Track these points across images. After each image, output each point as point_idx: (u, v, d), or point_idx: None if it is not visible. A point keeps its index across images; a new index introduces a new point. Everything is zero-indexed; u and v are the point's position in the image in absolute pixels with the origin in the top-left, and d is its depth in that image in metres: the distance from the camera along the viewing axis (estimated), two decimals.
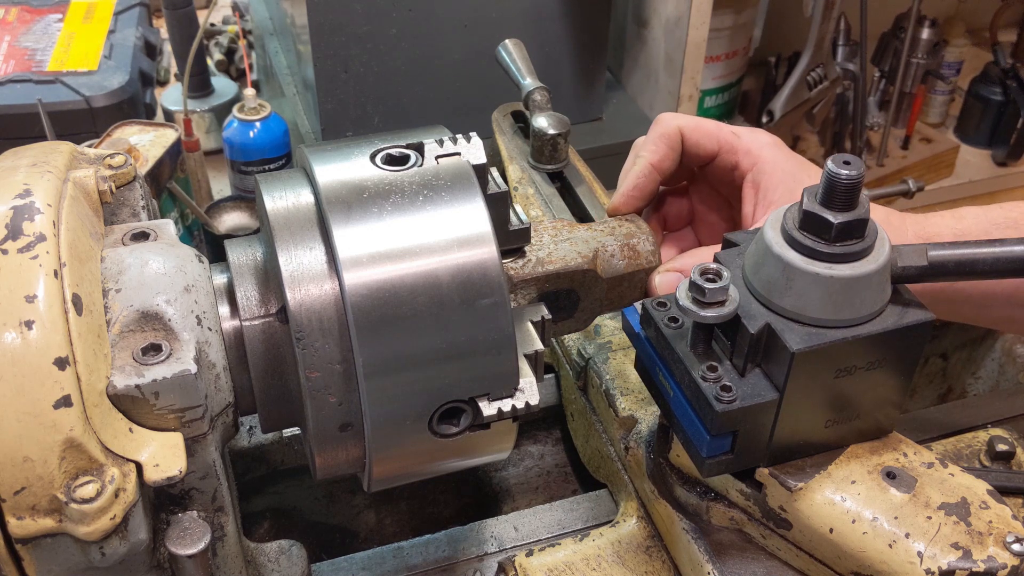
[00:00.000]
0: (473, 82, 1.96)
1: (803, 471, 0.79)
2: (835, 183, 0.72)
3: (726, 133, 0.98)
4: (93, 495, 0.66)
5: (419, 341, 0.75)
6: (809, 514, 0.78)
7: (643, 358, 0.85)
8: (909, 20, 2.50)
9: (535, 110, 1.16)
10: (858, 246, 0.73)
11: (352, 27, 1.84)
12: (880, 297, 0.75)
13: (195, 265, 0.79)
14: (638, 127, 2.22)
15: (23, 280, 0.67)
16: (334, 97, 1.91)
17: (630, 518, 0.96)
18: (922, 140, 2.79)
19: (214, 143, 2.26)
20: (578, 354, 1.10)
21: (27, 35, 2.05)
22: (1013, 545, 0.74)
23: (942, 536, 0.75)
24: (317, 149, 0.82)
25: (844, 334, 0.73)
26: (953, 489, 0.78)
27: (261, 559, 0.93)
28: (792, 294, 0.74)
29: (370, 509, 1.18)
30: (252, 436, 1.11)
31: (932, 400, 1.53)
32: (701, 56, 2.09)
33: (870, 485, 0.78)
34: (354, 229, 0.75)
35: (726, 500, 0.86)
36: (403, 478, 0.87)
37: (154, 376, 0.70)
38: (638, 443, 0.96)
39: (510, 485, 1.20)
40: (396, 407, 0.76)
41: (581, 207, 1.11)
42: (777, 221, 0.76)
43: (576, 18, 2.02)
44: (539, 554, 0.92)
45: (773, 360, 0.75)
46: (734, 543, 0.86)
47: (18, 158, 0.79)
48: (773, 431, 0.77)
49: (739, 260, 0.80)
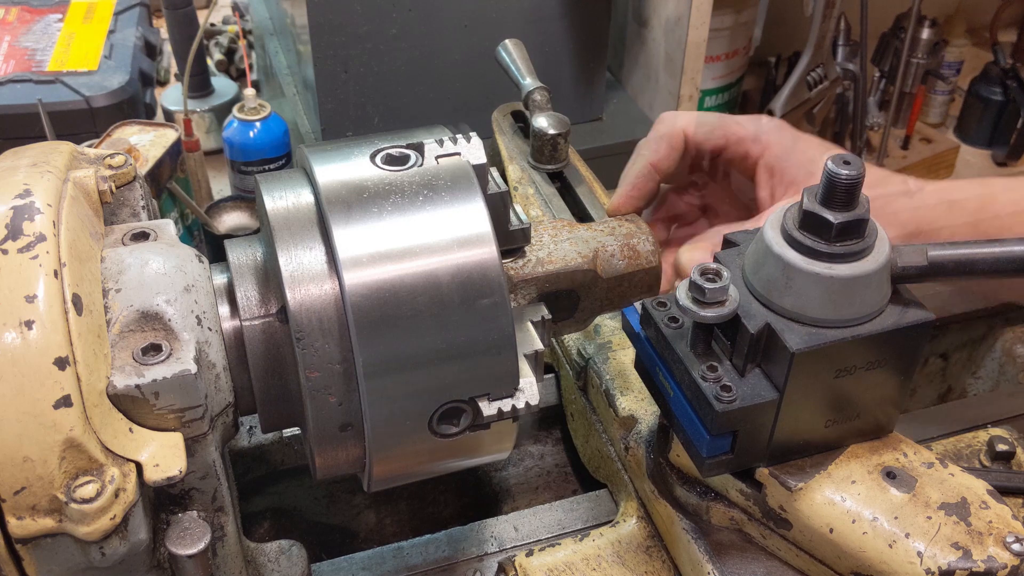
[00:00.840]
0: (473, 82, 1.96)
1: (803, 471, 0.79)
2: (835, 183, 0.72)
3: (731, 124, 0.98)
4: (93, 495, 0.66)
5: (419, 341, 0.75)
6: (809, 514, 0.78)
7: (643, 358, 0.85)
8: (909, 20, 2.50)
9: (535, 110, 1.16)
10: (858, 246, 0.73)
11: (352, 27, 1.84)
12: (880, 297, 0.75)
13: (195, 265, 0.79)
14: (638, 127, 2.22)
15: (23, 280, 0.67)
16: (334, 97, 1.91)
17: (630, 518, 0.96)
18: (922, 140, 2.78)
19: (214, 143, 2.26)
20: (578, 354, 1.10)
21: (27, 35, 2.05)
22: (1013, 545, 0.74)
23: (942, 536, 0.75)
24: (317, 149, 0.82)
25: (844, 334, 0.74)
26: (953, 489, 0.78)
27: (261, 559, 0.93)
28: (792, 294, 0.74)
29: (370, 509, 1.18)
30: (252, 436, 1.11)
31: (932, 400, 1.53)
32: (701, 56, 2.09)
33: (870, 485, 0.78)
34: (354, 229, 0.75)
35: (726, 500, 0.86)
36: (403, 478, 0.87)
37: (154, 376, 0.70)
38: (638, 443, 0.96)
39: (510, 485, 1.20)
40: (396, 407, 0.76)
41: (581, 207, 1.11)
42: (777, 221, 0.76)
43: (576, 18, 2.02)
44: (539, 554, 0.92)
45: (773, 360, 0.75)
46: (734, 543, 0.86)
47: (18, 158, 0.79)
48: (773, 431, 0.77)
49: (739, 260, 0.80)
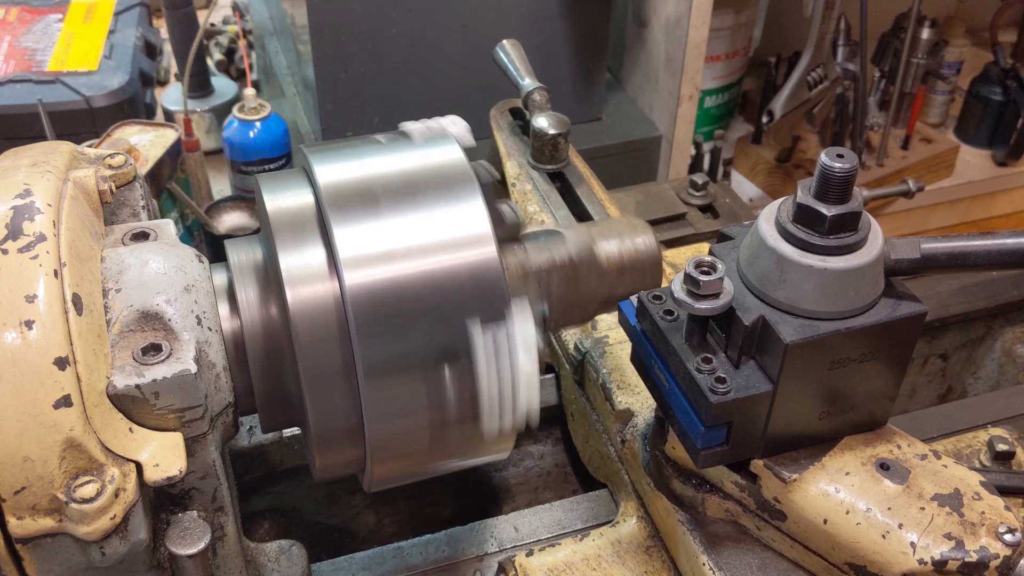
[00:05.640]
0: (473, 82, 1.96)
1: (797, 462, 0.80)
2: (828, 176, 0.72)
3: None
4: (93, 495, 0.66)
5: (419, 341, 0.75)
6: (803, 505, 0.79)
7: (639, 351, 0.85)
8: (909, 20, 2.50)
9: (535, 110, 1.16)
10: (851, 239, 0.73)
11: (352, 27, 1.84)
12: (873, 290, 0.75)
13: (195, 265, 0.79)
14: (638, 127, 2.22)
15: (23, 280, 0.67)
16: (334, 97, 1.91)
17: (630, 518, 0.97)
18: (922, 140, 2.78)
19: (214, 143, 2.26)
20: (575, 348, 1.10)
21: (27, 35, 2.05)
22: (1005, 536, 0.75)
23: (935, 527, 0.75)
24: (317, 149, 0.82)
25: (837, 326, 0.74)
26: (946, 480, 0.78)
27: (261, 559, 0.93)
28: (786, 286, 0.74)
29: (370, 509, 1.18)
30: (252, 436, 1.11)
31: (932, 400, 1.53)
32: (701, 56, 2.09)
33: (864, 476, 0.78)
34: (354, 229, 0.75)
35: (721, 492, 0.86)
36: (403, 478, 0.87)
37: (154, 376, 0.70)
38: (634, 436, 0.96)
39: (510, 485, 1.20)
40: (396, 407, 0.76)
41: (581, 207, 1.11)
42: (771, 214, 0.76)
43: (576, 18, 2.02)
44: (539, 554, 0.92)
45: (767, 352, 0.75)
46: (729, 534, 0.86)
47: (18, 158, 0.79)
48: (767, 423, 0.77)
49: (734, 253, 0.80)
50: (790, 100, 2.25)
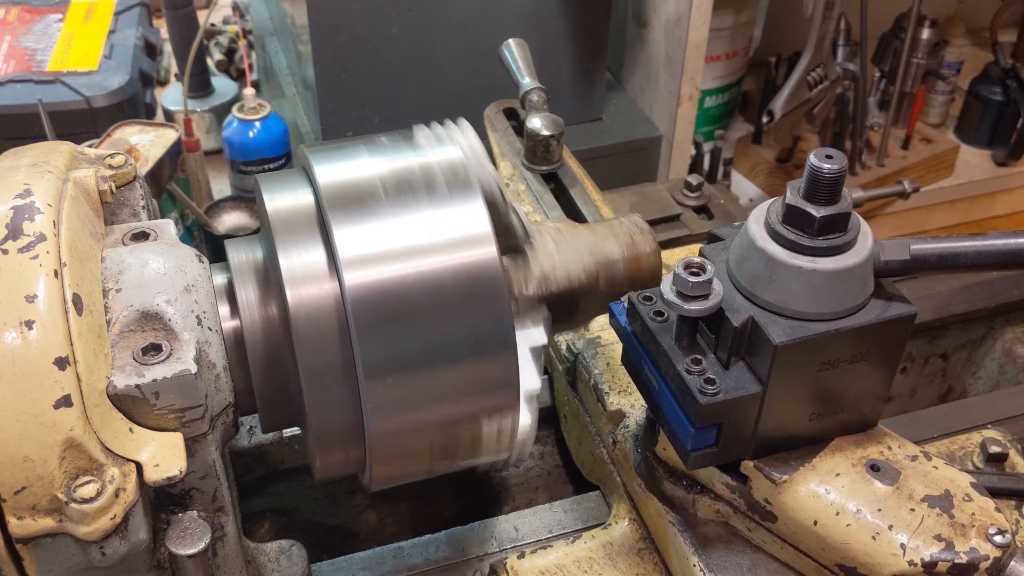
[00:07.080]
0: (473, 82, 1.96)
1: (788, 464, 0.80)
2: (818, 177, 0.72)
3: None
4: (93, 495, 0.66)
5: (419, 341, 0.75)
6: (794, 506, 0.79)
7: (630, 352, 0.85)
8: (909, 20, 2.50)
9: (531, 110, 1.16)
10: (841, 240, 0.73)
11: (352, 27, 1.84)
12: (863, 291, 0.75)
13: (195, 265, 0.79)
14: (638, 127, 2.22)
15: (23, 280, 0.67)
16: (334, 97, 1.91)
17: (622, 520, 0.96)
18: (922, 140, 2.78)
19: (214, 143, 2.26)
20: (568, 349, 1.10)
21: (27, 35, 2.05)
22: (995, 537, 0.75)
23: (925, 528, 0.75)
24: (317, 149, 0.82)
25: (827, 327, 0.74)
26: (936, 482, 0.78)
27: (261, 559, 0.94)
28: (775, 287, 0.74)
29: (370, 509, 1.18)
30: (252, 436, 1.11)
31: (932, 400, 1.53)
32: (701, 56, 2.09)
33: (854, 478, 0.78)
34: (354, 229, 0.75)
35: (712, 493, 0.86)
36: (403, 478, 0.87)
37: (154, 376, 0.70)
38: (625, 437, 0.96)
39: (510, 485, 1.20)
40: (396, 407, 0.76)
41: (575, 209, 1.11)
42: (761, 215, 0.76)
43: (576, 18, 2.02)
44: (530, 556, 0.92)
45: (757, 353, 0.75)
46: (720, 536, 0.86)
47: (18, 158, 0.79)
48: (757, 424, 0.77)
49: (724, 254, 0.80)
50: (790, 100, 2.25)
